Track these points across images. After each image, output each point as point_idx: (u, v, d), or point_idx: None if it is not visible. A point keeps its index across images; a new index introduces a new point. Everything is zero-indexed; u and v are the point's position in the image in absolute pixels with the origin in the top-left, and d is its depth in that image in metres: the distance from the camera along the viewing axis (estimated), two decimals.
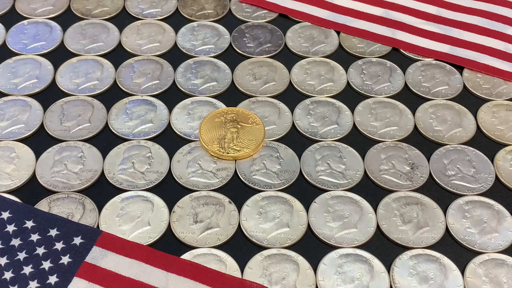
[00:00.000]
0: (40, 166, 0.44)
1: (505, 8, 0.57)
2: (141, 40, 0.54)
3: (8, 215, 0.40)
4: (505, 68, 0.52)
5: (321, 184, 0.44)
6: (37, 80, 0.50)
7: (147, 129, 0.47)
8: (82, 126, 0.47)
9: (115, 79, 0.50)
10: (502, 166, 0.45)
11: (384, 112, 0.49)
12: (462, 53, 0.53)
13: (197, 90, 0.50)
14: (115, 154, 0.45)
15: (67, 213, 0.41)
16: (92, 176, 0.44)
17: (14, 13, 0.56)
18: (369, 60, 0.53)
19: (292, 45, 0.54)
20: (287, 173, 0.44)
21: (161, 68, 0.51)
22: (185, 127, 0.47)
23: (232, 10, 0.57)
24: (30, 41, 0.53)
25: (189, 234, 0.41)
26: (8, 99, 0.48)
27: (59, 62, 0.51)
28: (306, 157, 0.45)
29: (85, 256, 0.38)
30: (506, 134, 0.48)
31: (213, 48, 0.53)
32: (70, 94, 0.49)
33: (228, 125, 0.47)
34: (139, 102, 0.49)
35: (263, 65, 0.52)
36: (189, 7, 0.57)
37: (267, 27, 0.56)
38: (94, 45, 0.53)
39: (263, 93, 0.50)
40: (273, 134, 0.47)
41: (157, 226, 0.41)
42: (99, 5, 0.57)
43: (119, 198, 0.42)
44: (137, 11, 0.56)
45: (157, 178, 0.44)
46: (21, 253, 0.39)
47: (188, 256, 0.39)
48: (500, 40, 0.54)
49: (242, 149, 0.45)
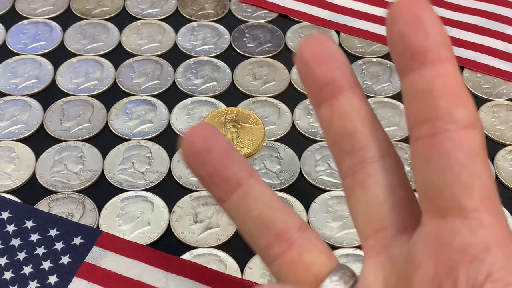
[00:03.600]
0: (40, 166, 0.44)
1: (505, 8, 0.57)
2: (141, 40, 0.54)
3: (8, 215, 0.40)
4: (505, 68, 0.52)
5: (321, 184, 0.44)
6: (37, 80, 0.50)
7: (147, 129, 0.47)
8: (82, 126, 0.47)
9: (115, 79, 0.50)
10: (502, 166, 0.45)
11: (384, 112, 0.49)
12: (462, 53, 0.53)
13: (197, 90, 0.50)
14: (115, 154, 0.45)
15: (67, 213, 0.41)
16: (92, 176, 0.44)
17: (14, 13, 0.56)
18: (369, 60, 0.53)
19: (292, 45, 0.54)
20: (287, 173, 0.44)
21: (161, 68, 0.51)
22: (185, 127, 0.47)
23: (232, 10, 0.57)
24: (30, 41, 0.53)
25: (189, 234, 0.41)
26: (8, 99, 0.48)
27: (59, 62, 0.51)
28: (306, 157, 0.45)
29: (85, 256, 0.38)
30: (506, 134, 0.48)
31: (213, 48, 0.53)
32: (70, 94, 0.49)
33: (228, 125, 0.47)
34: (139, 102, 0.49)
35: (263, 65, 0.52)
36: (189, 7, 0.57)
37: (267, 27, 0.55)
38: (94, 45, 0.53)
39: (263, 93, 0.50)
40: (273, 134, 0.47)
41: (157, 226, 0.41)
42: (99, 5, 0.57)
43: (119, 198, 0.42)
44: (137, 11, 0.56)
45: (157, 178, 0.44)
46: (21, 253, 0.39)
47: (188, 256, 0.39)
48: (500, 40, 0.54)
49: (242, 149, 0.45)
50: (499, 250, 0.19)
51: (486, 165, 0.20)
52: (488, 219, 0.20)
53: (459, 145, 0.20)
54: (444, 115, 0.20)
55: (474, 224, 0.20)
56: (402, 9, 0.20)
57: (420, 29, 0.20)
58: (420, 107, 0.20)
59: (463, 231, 0.20)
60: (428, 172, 0.21)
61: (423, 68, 0.20)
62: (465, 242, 0.19)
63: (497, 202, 0.20)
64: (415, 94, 0.21)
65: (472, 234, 0.19)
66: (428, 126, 0.20)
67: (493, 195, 0.20)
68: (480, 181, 0.20)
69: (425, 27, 0.20)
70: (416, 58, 0.20)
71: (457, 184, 0.20)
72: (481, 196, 0.20)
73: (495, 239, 0.19)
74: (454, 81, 0.20)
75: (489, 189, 0.20)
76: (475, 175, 0.20)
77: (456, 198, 0.20)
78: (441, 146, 0.20)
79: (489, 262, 0.19)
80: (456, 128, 0.20)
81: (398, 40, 0.20)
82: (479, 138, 0.20)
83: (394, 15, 0.20)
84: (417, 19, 0.20)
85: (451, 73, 0.20)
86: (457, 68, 0.20)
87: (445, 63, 0.20)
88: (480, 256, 0.19)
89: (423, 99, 0.20)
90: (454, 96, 0.20)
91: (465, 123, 0.20)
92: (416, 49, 0.20)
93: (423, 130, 0.20)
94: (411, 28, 0.20)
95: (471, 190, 0.20)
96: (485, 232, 0.19)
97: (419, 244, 0.21)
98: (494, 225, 0.20)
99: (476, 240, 0.19)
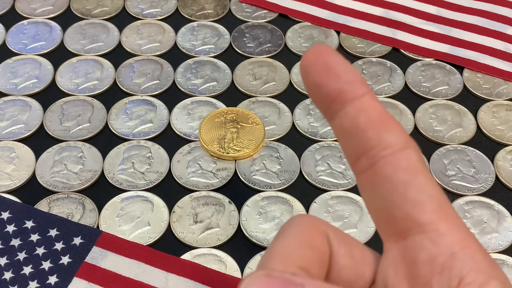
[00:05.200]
0: (40, 166, 0.44)
1: (505, 8, 0.57)
2: (141, 40, 0.54)
3: (8, 215, 0.40)
4: (505, 68, 0.52)
5: (321, 184, 0.44)
6: (37, 80, 0.50)
7: (147, 129, 0.47)
8: (82, 126, 0.47)
9: (115, 79, 0.50)
10: (502, 166, 0.45)
11: None
12: (462, 53, 0.53)
13: (197, 90, 0.50)
14: (115, 154, 0.45)
15: (67, 213, 0.41)
16: (92, 176, 0.44)
17: (14, 13, 0.56)
18: (369, 60, 0.53)
19: (292, 45, 0.54)
20: (287, 173, 0.44)
21: (161, 68, 0.51)
22: (185, 127, 0.47)
23: (232, 10, 0.57)
24: (30, 41, 0.53)
25: (189, 234, 0.41)
26: (8, 99, 0.48)
27: (59, 62, 0.51)
28: (306, 157, 0.45)
29: (85, 256, 0.38)
30: (506, 134, 0.47)
31: (213, 48, 0.53)
32: (70, 94, 0.49)
33: (228, 125, 0.47)
34: (139, 102, 0.49)
35: (263, 65, 0.52)
36: (189, 7, 0.57)
37: (267, 27, 0.55)
38: (94, 45, 0.53)
39: (263, 93, 0.50)
40: (273, 134, 0.47)
41: (157, 226, 0.41)
42: (99, 5, 0.57)
43: (119, 198, 0.42)
44: (137, 11, 0.56)
45: (157, 178, 0.44)
46: (21, 253, 0.39)
47: (188, 256, 0.39)
48: (500, 40, 0.54)
49: (242, 149, 0.45)
50: (464, 254, 0.20)
51: (428, 178, 0.21)
52: (445, 227, 0.20)
53: (398, 166, 0.21)
54: (375, 144, 0.21)
55: (434, 235, 0.20)
56: (311, 61, 0.21)
57: (331, 74, 0.21)
58: (353, 143, 0.21)
59: (425, 244, 0.20)
60: (377, 200, 0.21)
61: (344, 108, 0.21)
62: (430, 254, 0.20)
63: (449, 208, 0.21)
64: (345, 133, 0.22)
65: (435, 245, 0.20)
66: (365, 158, 0.21)
67: (444, 203, 0.21)
68: (427, 194, 0.20)
69: (334, 71, 0.21)
70: (335, 101, 0.21)
71: (407, 203, 0.20)
72: (432, 207, 0.20)
73: (458, 244, 0.20)
74: (375, 111, 0.21)
75: (438, 199, 0.21)
76: (421, 190, 0.20)
77: (410, 216, 0.20)
78: (382, 172, 0.21)
79: (457, 267, 0.19)
80: (391, 152, 0.21)
81: (315, 89, 0.22)
82: (414, 155, 0.21)
83: (305, 68, 0.22)
84: (325, 66, 0.21)
85: (370, 105, 0.21)
86: (375, 98, 0.21)
87: (362, 97, 0.21)
88: (447, 264, 0.20)
89: (353, 135, 0.21)
90: (379, 124, 0.21)
91: (397, 145, 0.21)
92: (333, 93, 0.21)
93: (362, 163, 0.21)
94: (323, 76, 0.21)
95: (422, 205, 0.20)
96: (446, 240, 0.20)
97: (387, 268, 0.21)
98: (453, 231, 0.20)
99: (440, 250, 0.20)
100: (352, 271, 0.22)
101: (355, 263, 0.22)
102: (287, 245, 0.21)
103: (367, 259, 0.22)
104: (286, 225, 0.22)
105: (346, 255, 0.22)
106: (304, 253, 0.21)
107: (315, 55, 0.21)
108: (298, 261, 0.20)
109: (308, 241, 0.21)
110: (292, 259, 0.20)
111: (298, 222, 0.22)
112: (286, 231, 0.21)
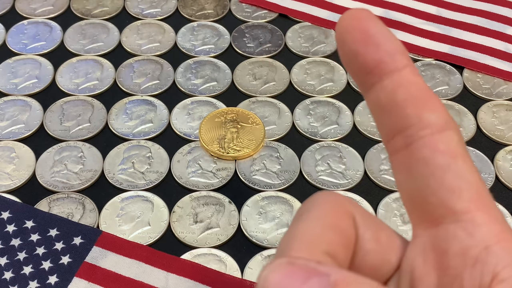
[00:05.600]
0: (40, 166, 0.44)
1: (505, 8, 0.57)
2: (141, 40, 0.54)
3: (8, 215, 0.40)
4: (505, 68, 0.52)
5: (321, 184, 0.44)
6: (37, 80, 0.50)
7: (147, 129, 0.47)
8: (82, 126, 0.47)
9: (115, 79, 0.50)
10: (502, 166, 0.45)
11: None
12: (462, 53, 0.53)
13: (197, 90, 0.50)
14: (115, 154, 0.45)
15: (67, 213, 0.41)
16: (92, 176, 0.44)
17: (14, 13, 0.56)
18: None
19: (292, 45, 0.54)
20: (287, 173, 0.44)
21: (161, 68, 0.51)
22: (185, 127, 0.47)
23: (232, 10, 0.57)
24: (30, 41, 0.53)
25: (189, 234, 0.41)
26: (8, 99, 0.48)
27: (59, 62, 0.51)
28: (306, 157, 0.45)
29: (85, 256, 0.38)
30: (506, 134, 0.48)
31: (213, 48, 0.53)
32: (70, 94, 0.49)
33: (228, 125, 0.47)
34: (139, 102, 0.49)
35: (263, 65, 0.52)
36: (189, 7, 0.57)
37: (267, 27, 0.55)
38: (94, 45, 0.53)
39: (263, 93, 0.50)
40: (273, 134, 0.47)
41: (157, 226, 0.41)
42: (99, 5, 0.57)
43: (119, 198, 0.42)
44: (137, 11, 0.56)
45: (157, 178, 0.44)
46: (21, 253, 0.39)
47: (188, 256, 0.39)
48: (500, 40, 0.54)
49: (242, 149, 0.45)
50: (500, 248, 0.18)
51: (468, 163, 0.19)
52: (482, 218, 0.19)
53: (436, 149, 0.19)
54: (414, 123, 0.19)
55: (469, 225, 0.19)
56: (348, 26, 0.20)
57: (370, 43, 0.19)
58: (390, 120, 0.20)
59: (459, 235, 0.19)
60: (411, 183, 0.20)
61: (382, 81, 0.20)
62: (463, 246, 0.19)
63: (488, 198, 0.19)
64: (381, 109, 0.20)
65: (469, 236, 0.19)
66: (401, 137, 0.20)
67: (483, 192, 0.19)
68: (466, 181, 0.19)
69: (374, 39, 0.19)
70: (373, 72, 0.20)
71: (443, 189, 0.19)
72: (470, 196, 0.19)
73: (494, 237, 0.19)
74: (416, 86, 0.20)
75: (477, 187, 0.19)
76: (459, 176, 0.19)
77: (445, 202, 0.19)
78: (419, 154, 0.19)
79: (492, 262, 0.18)
80: (430, 132, 0.19)
81: (352, 59, 0.20)
82: (455, 138, 0.19)
83: (341, 35, 0.20)
84: (364, 33, 0.19)
85: (411, 80, 0.20)
86: (416, 72, 0.20)
87: (402, 70, 0.20)
88: (481, 257, 0.18)
89: (390, 111, 0.20)
90: (420, 101, 0.20)
91: (437, 126, 0.19)
92: (371, 64, 0.20)
93: (398, 142, 0.20)
94: (361, 44, 0.20)
95: (459, 192, 0.19)
96: (482, 231, 0.19)
97: (416, 257, 0.20)
98: (490, 222, 0.19)
99: (475, 242, 0.19)
100: (378, 256, 0.20)
101: (381, 248, 0.21)
102: (310, 228, 0.19)
103: (393, 244, 0.21)
104: (309, 204, 0.20)
105: (373, 239, 0.20)
106: (329, 237, 0.19)
107: (353, 20, 0.20)
108: (323, 246, 0.19)
109: (333, 224, 0.20)
110: (316, 244, 0.19)
111: (322, 202, 0.20)
112: (309, 212, 0.20)
